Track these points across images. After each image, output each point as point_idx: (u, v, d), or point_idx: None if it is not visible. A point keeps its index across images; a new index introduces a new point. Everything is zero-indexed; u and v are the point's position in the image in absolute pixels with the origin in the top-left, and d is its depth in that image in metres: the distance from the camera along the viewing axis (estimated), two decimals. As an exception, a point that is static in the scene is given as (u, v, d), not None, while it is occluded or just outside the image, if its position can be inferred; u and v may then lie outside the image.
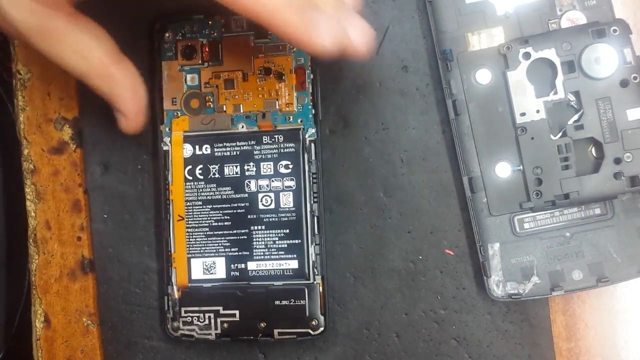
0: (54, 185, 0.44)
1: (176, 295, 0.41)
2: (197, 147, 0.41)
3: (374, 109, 0.42)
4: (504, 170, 0.40)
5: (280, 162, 0.41)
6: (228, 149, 0.41)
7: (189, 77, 0.42)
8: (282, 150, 0.41)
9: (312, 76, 0.41)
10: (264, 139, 0.41)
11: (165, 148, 0.42)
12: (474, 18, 0.40)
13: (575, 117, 0.39)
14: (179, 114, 0.42)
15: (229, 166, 0.41)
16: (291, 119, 0.41)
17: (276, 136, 0.41)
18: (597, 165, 0.39)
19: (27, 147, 0.44)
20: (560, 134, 0.39)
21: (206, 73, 0.42)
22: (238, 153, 0.41)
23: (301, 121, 0.41)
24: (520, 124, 0.39)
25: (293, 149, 0.41)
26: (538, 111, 0.39)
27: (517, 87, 0.39)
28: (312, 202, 0.41)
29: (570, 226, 0.40)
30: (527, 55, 0.39)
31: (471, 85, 0.40)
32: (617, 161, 0.38)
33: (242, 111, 0.42)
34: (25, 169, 0.44)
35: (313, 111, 0.41)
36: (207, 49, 0.42)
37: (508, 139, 0.39)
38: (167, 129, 0.42)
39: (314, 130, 0.41)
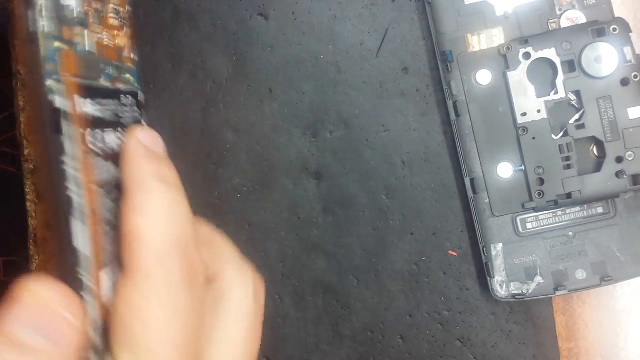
0: (54, 187, 0.44)
1: (101, 335, 0.25)
2: (90, 101, 0.26)
3: (374, 111, 0.42)
4: (505, 170, 0.40)
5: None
6: (107, 107, 0.27)
7: None
8: (135, 117, 0.29)
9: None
10: (124, 100, 0.28)
11: (52, 98, 0.24)
12: (474, 19, 0.40)
13: (577, 116, 0.39)
14: (62, 46, 0.25)
15: (107, 132, 0.27)
16: (133, 78, 0.29)
17: (131, 98, 0.29)
18: (599, 164, 0.39)
19: (27, 147, 0.44)
20: (561, 133, 0.39)
21: None
22: (111, 114, 0.27)
23: (138, 80, 0.30)
24: (521, 124, 0.39)
25: (138, 115, 0.29)
26: (539, 111, 0.39)
27: (517, 87, 0.39)
28: None
29: (573, 225, 0.40)
30: (527, 56, 0.39)
31: (472, 86, 0.40)
32: (619, 160, 0.38)
33: (106, 58, 0.27)
34: (25, 169, 0.44)
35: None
36: None
37: (509, 139, 0.40)
38: (53, 66, 0.24)
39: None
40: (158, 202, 0.25)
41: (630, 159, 0.38)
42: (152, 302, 0.24)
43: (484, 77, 0.40)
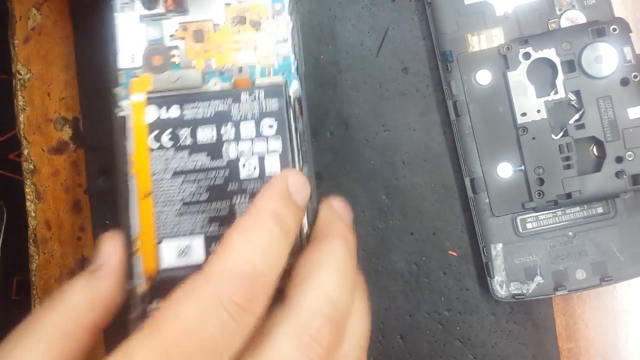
0: (54, 185, 0.44)
1: (144, 287, 0.34)
2: (162, 109, 0.35)
3: (374, 111, 0.42)
4: (505, 170, 0.40)
5: (263, 122, 0.35)
6: (201, 109, 0.35)
7: (149, 29, 0.36)
8: (264, 109, 0.35)
9: (292, 24, 0.37)
10: (242, 97, 0.35)
11: (121, 114, 0.35)
12: (474, 19, 0.40)
13: (576, 116, 0.39)
14: (139, 73, 0.36)
15: (202, 129, 0.35)
16: (271, 73, 0.36)
17: (256, 92, 0.35)
18: (599, 164, 0.39)
19: (27, 147, 0.44)
20: (561, 133, 0.39)
21: (171, 24, 0.36)
22: (213, 114, 0.35)
23: (283, 74, 0.36)
24: (521, 124, 0.39)
25: (277, 106, 0.35)
26: (539, 111, 0.39)
27: (517, 87, 0.39)
28: (301, 166, 0.35)
29: (572, 225, 0.39)
30: (527, 55, 0.39)
31: (471, 86, 0.40)
32: (619, 160, 0.38)
33: (214, 66, 0.36)
34: (25, 169, 0.44)
35: (296, 63, 0.36)
36: None
37: (509, 139, 0.40)
38: (124, 92, 0.35)
39: (298, 84, 0.36)
40: (260, 235, 0.29)
41: (630, 159, 0.38)
42: (193, 303, 0.27)
43: (483, 77, 0.40)
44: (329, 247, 0.31)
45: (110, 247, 0.32)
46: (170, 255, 0.34)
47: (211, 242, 0.34)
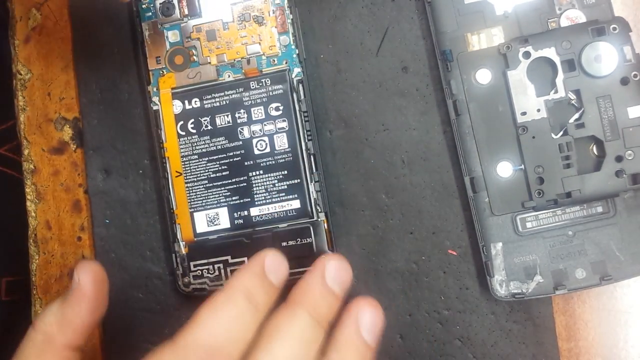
0: (54, 185, 0.44)
1: (183, 251, 0.42)
2: (186, 102, 0.42)
3: (374, 110, 0.42)
4: (505, 169, 0.40)
5: (271, 105, 0.41)
6: (217, 99, 0.42)
7: (169, 34, 0.42)
8: (270, 93, 0.41)
9: (291, 16, 0.42)
10: (251, 85, 0.41)
11: (155, 107, 0.42)
12: (473, 18, 0.40)
13: (576, 115, 0.39)
14: (165, 72, 0.42)
15: (220, 116, 0.42)
16: (276, 62, 0.42)
17: (263, 80, 0.41)
18: (599, 163, 0.39)
19: (27, 147, 0.44)
20: (561, 132, 0.39)
21: (187, 28, 0.42)
22: (227, 102, 0.42)
23: (286, 62, 0.42)
24: (521, 123, 0.39)
25: (281, 91, 0.41)
26: (539, 110, 0.39)
27: (517, 86, 0.39)
28: (306, 141, 0.41)
29: (572, 225, 0.39)
30: (527, 55, 0.39)
31: (471, 85, 0.40)
32: (619, 159, 0.38)
33: (226, 60, 0.42)
34: (25, 169, 0.44)
35: (297, 51, 0.42)
36: (184, 4, 0.42)
37: (509, 138, 0.39)
38: (154, 89, 0.42)
39: (299, 70, 0.42)
40: (227, 310, 0.32)
41: (629, 158, 0.38)
42: None
43: (483, 76, 0.40)
44: (289, 316, 0.32)
45: (84, 275, 0.34)
46: (202, 223, 0.41)
47: (234, 211, 0.41)
